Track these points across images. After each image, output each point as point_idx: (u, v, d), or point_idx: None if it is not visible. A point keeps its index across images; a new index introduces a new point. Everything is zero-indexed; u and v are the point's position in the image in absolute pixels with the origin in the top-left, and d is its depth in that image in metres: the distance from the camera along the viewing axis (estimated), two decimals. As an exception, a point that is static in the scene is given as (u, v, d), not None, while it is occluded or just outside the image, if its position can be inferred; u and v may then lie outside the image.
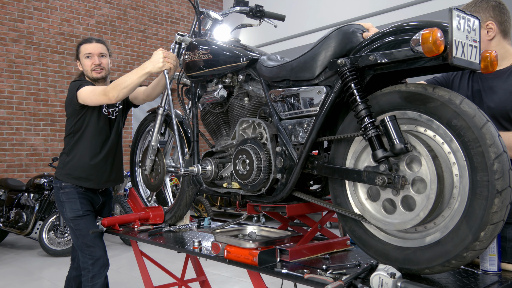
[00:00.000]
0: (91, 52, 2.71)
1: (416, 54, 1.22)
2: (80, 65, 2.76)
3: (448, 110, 1.24)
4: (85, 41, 2.77)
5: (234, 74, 1.99)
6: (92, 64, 2.70)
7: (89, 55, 2.71)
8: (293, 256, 1.69)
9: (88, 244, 2.57)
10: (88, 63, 2.71)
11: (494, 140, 1.18)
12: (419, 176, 1.29)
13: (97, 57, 2.72)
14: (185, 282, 2.74)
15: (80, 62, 2.75)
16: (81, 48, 2.74)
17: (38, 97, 7.33)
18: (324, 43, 1.53)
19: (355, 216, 1.47)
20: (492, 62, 1.30)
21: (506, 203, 1.17)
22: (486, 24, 1.80)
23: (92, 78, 2.72)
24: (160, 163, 2.65)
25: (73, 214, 2.60)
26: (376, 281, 1.30)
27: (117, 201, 5.80)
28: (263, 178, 1.74)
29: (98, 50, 2.72)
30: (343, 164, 1.51)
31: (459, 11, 1.21)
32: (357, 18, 7.01)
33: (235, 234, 1.92)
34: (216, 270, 4.51)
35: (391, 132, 1.32)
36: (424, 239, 1.32)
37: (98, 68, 2.71)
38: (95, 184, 2.71)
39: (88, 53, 2.71)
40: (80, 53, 2.74)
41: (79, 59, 2.76)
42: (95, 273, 2.54)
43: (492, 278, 1.41)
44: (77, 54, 2.79)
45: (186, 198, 2.51)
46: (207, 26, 2.32)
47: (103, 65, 2.73)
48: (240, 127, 1.93)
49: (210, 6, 9.54)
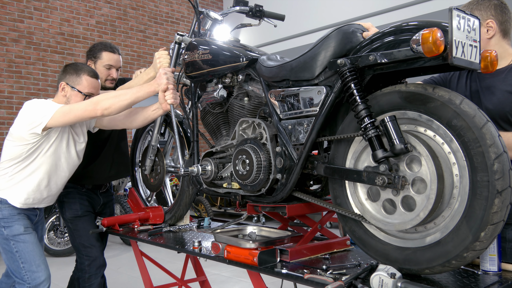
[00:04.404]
0: (113, 65, 2.70)
1: (416, 54, 1.22)
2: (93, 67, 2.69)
3: (448, 110, 1.23)
4: (108, 49, 2.69)
5: (234, 74, 1.98)
6: (109, 75, 2.70)
7: (110, 66, 2.70)
8: (293, 256, 1.69)
9: (85, 244, 2.57)
10: (105, 73, 2.69)
11: (494, 140, 1.17)
12: (419, 176, 1.29)
13: (115, 70, 2.72)
14: (185, 282, 2.74)
15: (94, 66, 2.69)
16: (103, 56, 2.68)
17: (38, 97, 7.29)
18: (324, 43, 1.53)
19: (355, 216, 1.47)
20: (492, 62, 1.30)
21: (506, 203, 1.17)
22: (486, 22, 1.80)
23: (103, 87, 2.72)
24: (160, 163, 2.65)
25: (72, 214, 2.60)
26: (376, 281, 1.30)
27: (117, 201, 5.80)
28: (263, 178, 1.74)
29: (119, 64, 2.73)
30: (343, 164, 1.51)
31: (459, 11, 1.21)
32: (357, 18, 7.00)
33: (235, 234, 1.92)
34: (216, 270, 4.50)
35: (391, 132, 1.32)
36: (424, 239, 1.32)
37: (112, 79, 2.73)
38: (96, 181, 2.72)
39: (110, 64, 2.69)
40: (100, 59, 2.68)
41: (95, 62, 2.69)
42: (92, 273, 2.55)
43: (492, 278, 1.41)
44: (93, 55, 2.69)
45: (186, 198, 2.51)
46: (206, 26, 2.32)
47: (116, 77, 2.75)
48: (240, 127, 1.93)
49: (210, 6, 9.54)
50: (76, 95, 2.30)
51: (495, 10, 1.80)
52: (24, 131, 2.17)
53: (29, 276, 2.24)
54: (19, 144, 2.21)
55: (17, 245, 2.26)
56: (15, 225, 2.28)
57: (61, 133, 2.29)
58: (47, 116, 2.12)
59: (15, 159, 2.24)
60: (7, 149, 2.27)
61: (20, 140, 2.20)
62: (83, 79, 2.31)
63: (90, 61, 2.74)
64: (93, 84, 2.34)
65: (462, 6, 1.78)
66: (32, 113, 2.17)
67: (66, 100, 2.31)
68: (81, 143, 2.42)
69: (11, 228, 2.27)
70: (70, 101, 2.29)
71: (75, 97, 2.30)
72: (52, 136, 2.25)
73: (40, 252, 2.34)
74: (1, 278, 2.53)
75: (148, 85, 2.17)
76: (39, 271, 2.26)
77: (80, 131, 2.43)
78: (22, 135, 2.18)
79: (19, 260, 2.25)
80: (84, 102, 2.18)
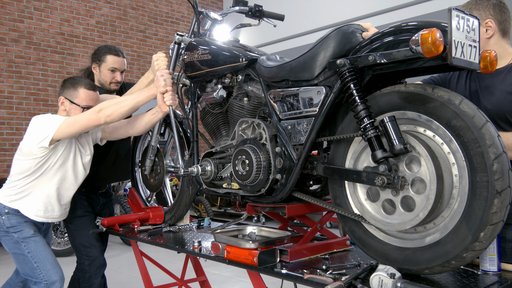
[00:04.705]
0: (118, 68, 2.72)
1: (415, 54, 1.22)
2: (97, 70, 2.74)
3: (447, 111, 1.23)
4: (113, 52, 2.72)
5: (234, 74, 1.98)
6: (114, 78, 2.73)
7: (114, 69, 2.72)
8: (293, 256, 1.69)
9: (85, 244, 2.58)
10: (110, 75, 2.72)
11: (494, 140, 1.17)
12: (418, 176, 1.29)
13: (120, 73, 2.74)
14: (185, 282, 2.74)
15: (99, 69, 2.73)
16: (108, 59, 2.70)
17: (38, 97, 7.33)
18: (323, 43, 1.53)
19: (354, 217, 1.47)
20: (492, 62, 1.29)
21: (505, 203, 1.17)
22: (485, 22, 1.79)
23: (107, 89, 2.75)
24: (160, 163, 2.65)
25: (71, 214, 2.60)
26: (375, 282, 1.30)
27: (117, 201, 5.80)
28: (262, 179, 1.74)
29: (123, 66, 2.75)
30: (343, 165, 1.51)
31: (458, 11, 1.20)
32: (356, 18, 7.00)
33: (235, 235, 1.92)
34: (216, 270, 4.50)
35: (390, 133, 1.32)
36: (423, 239, 1.32)
37: (116, 81, 2.75)
38: (95, 183, 2.72)
39: (114, 67, 2.71)
40: (104, 62, 2.71)
41: (99, 65, 2.72)
42: (92, 273, 2.55)
43: (492, 278, 1.41)
44: (98, 58, 2.72)
45: (186, 198, 2.51)
46: (206, 26, 2.32)
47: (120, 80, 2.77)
48: (240, 127, 1.93)
49: (210, 6, 9.53)
50: (75, 109, 2.34)
51: (493, 10, 1.79)
52: (33, 145, 2.23)
53: (44, 274, 2.28)
54: (28, 159, 2.28)
55: (28, 246, 2.31)
56: (25, 229, 2.34)
57: (68, 146, 2.35)
58: (53, 129, 2.18)
59: (23, 172, 2.31)
60: (16, 164, 2.34)
61: (29, 154, 2.26)
62: (80, 92, 2.34)
63: (94, 64, 2.76)
64: (91, 96, 2.37)
65: (460, 6, 1.78)
66: (39, 127, 2.23)
67: (66, 114, 2.36)
68: (87, 155, 2.47)
69: (22, 231, 2.33)
70: (70, 115, 2.33)
71: (74, 111, 2.34)
72: (59, 150, 2.31)
73: (52, 253, 2.39)
74: (11, 276, 2.59)
75: (147, 89, 2.21)
76: (53, 268, 2.31)
77: (86, 143, 2.47)
78: (31, 149, 2.24)
79: (32, 260, 2.30)
80: (88, 112, 2.22)
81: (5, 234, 2.35)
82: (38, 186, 2.33)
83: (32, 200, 2.34)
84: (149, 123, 2.37)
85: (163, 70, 2.20)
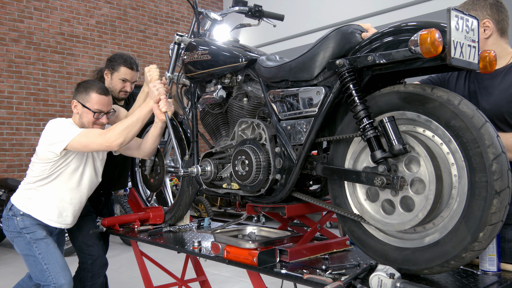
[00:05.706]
0: (128, 79, 2.77)
1: (414, 54, 1.22)
2: (109, 77, 2.77)
3: (446, 111, 1.24)
4: (128, 65, 2.75)
5: (233, 75, 1.99)
6: (124, 88, 2.78)
7: (125, 80, 2.77)
8: (293, 256, 1.69)
9: (88, 243, 2.59)
10: (120, 85, 2.77)
11: (493, 140, 1.18)
12: (418, 176, 1.30)
13: (130, 83, 2.79)
14: (185, 282, 2.74)
15: (111, 76, 2.77)
16: (121, 70, 2.74)
17: (38, 97, 7.33)
18: (323, 43, 1.53)
19: (354, 217, 1.47)
20: (491, 62, 1.29)
21: (504, 203, 1.17)
22: (483, 22, 1.78)
23: (115, 97, 2.78)
24: (160, 164, 2.65)
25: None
26: (375, 282, 1.30)
27: (117, 201, 5.80)
28: (262, 179, 1.74)
29: (135, 79, 2.81)
30: (342, 165, 1.51)
31: (458, 11, 1.21)
32: (356, 18, 7.00)
33: (234, 235, 1.92)
34: (216, 270, 4.51)
35: (389, 133, 1.32)
36: (423, 239, 1.32)
37: (125, 91, 2.80)
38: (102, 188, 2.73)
39: (125, 78, 2.76)
40: (117, 72, 2.74)
41: (112, 73, 2.76)
42: (94, 272, 2.57)
43: (491, 278, 1.41)
44: (112, 66, 2.76)
45: (186, 198, 2.51)
46: (206, 26, 2.32)
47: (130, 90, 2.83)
48: (239, 127, 1.93)
49: (210, 6, 9.53)
50: (87, 112, 2.38)
51: (491, 9, 1.79)
52: (45, 149, 2.28)
53: (53, 276, 2.30)
54: (42, 162, 2.32)
55: (39, 247, 2.34)
56: (37, 230, 2.38)
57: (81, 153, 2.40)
58: (65, 141, 2.24)
59: (37, 176, 2.36)
60: (32, 167, 2.40)
61: (43, 158, 2.31)
62: (91, 96, 2.37)
63: (107, 70, 2.79)
64: (102, 101, 2.39)
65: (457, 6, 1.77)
66: (54, 133, 2.29)
67: (79, 117, 2.40)
68: (100, 159, 2.52)
69: (34, 233, 2.36)
70: (82, 118, 2.39)
71: (86, 114, 2.38)
72: (72, 155, 2.36)
73: (62, 257, 2.41)
74: (23, 277, 2.60)
75: (144, 104, 2.28)
76: (62, 271, 2.32)
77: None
78: (44, 153, 2.29)
79: (42, 262, 2.31)
80: (100, 139, 2.25)
81: (18, 235, 2.38)
82: (52, 190, 2.38)
83: (46, 204, 2.38)
84: (155, 136, 2.39)
85: (155, 81, 2.25)
